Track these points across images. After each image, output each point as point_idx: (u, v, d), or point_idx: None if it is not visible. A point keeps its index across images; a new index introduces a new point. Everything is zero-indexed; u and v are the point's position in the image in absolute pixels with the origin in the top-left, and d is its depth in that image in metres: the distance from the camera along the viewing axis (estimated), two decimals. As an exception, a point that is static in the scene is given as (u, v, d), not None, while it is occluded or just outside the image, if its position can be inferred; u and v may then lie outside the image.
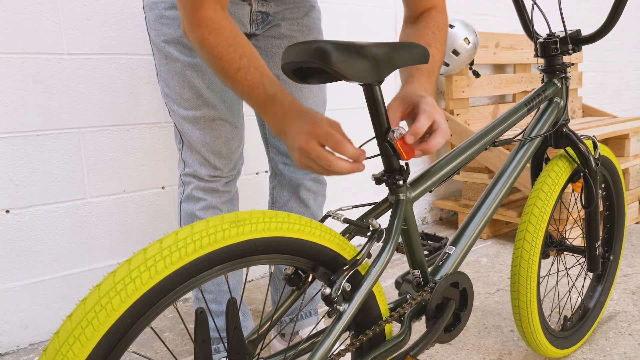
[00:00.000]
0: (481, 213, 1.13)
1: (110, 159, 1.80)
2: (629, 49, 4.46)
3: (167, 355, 1.58)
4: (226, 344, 0.79)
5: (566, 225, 2.03)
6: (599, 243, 1.38)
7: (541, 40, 1.27)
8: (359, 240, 2.51)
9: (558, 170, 1.29)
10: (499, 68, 3.16)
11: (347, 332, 0.94)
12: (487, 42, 2.87)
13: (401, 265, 2.25)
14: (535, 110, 1.25)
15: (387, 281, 2.06)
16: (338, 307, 0.82)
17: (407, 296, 1.02)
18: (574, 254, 1.47)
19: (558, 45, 1.25)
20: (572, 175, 1.34)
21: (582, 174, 1.32)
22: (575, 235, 2.24)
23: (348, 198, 2.50)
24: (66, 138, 1.71)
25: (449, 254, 1.08)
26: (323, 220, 0.92)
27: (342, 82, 2.32)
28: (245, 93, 0.89)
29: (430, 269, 1.06)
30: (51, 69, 1.66)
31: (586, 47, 3.87)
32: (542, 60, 1.30)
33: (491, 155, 2.41)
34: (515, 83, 3.07)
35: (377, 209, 0.97)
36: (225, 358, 1.32)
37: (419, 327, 1.60)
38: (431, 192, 2.84)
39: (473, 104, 3.00)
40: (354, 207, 0.99)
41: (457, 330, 1.04)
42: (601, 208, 1.69)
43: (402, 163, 0.93)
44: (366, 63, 0.80)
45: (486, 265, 2.19)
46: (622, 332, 1.56)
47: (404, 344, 0.95)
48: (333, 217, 0.92)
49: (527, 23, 1.33)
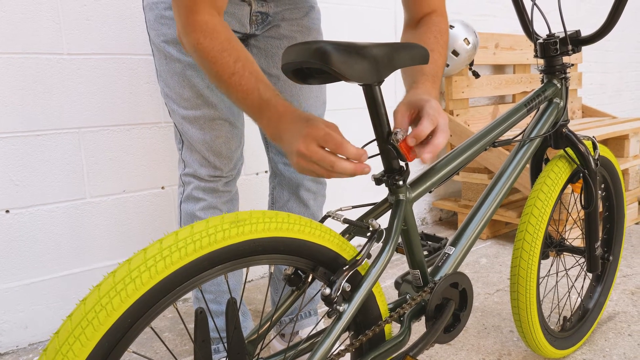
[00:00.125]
0: (481, 213, 1.13)
1: (110, 159, 1.80)
2: (629, 50, 4.47)
3: (167, 355, 1.58)
4: (226, 344, 0.79)
5: (566, 225, 2.03)
6: (599, 244, 1.38)
7: (541, 40, 1.27)
8: (359, 240, 2.51)
9: (558, 170, 1.29)
10: (499, 68, 3.16)
11: (347, 333, 0.94)
12: (487, 43, 2.87)
13: (401, 265, 2.25)
14: (535, 110, 1.25)
15: (387, 281, 2.06)
16: (338, 308, 0.82)
17: (407, 296, 1.02)
18: (574, 255, 1.47)
19: (558, 46, 1.25)
20: (572, 175, 1.34)
21: (582, 175, 1.32)
22: (574, 235, 2.24)
23: (348, 198, 2.50)
24: (66, 138, 1.71)
25: (449, 255, 1.08)
26: (323, 220, 0.92)
27: (342, 83, 2.32)
28: (239, 98, 0.88)
29: (429, 270, 1.07)
30: (51, 69, 1.66)
31: (586, 48, 3.87)
32: (542, 60, 1.30)
33: (491, 155, 2.42)
34: (514, 84, 3.07)
35: (377, 210, 0.97)
36: (225, 358, 1.32)
37: (419, 328, 1.60)
38: (431, 193, 2.85)
39: (473, 105, 3.00)
40: (354, 208, 0.99)
41: (457, 330, 1.04)
42: (601, 209, 1.69)
43: (402, 164, 0.93)
44: (366, 63, 0.80)
45: (486, 265, 2.19)
46: (622, 333, 1.56)
47: (404, 344, 0.95)
48: (333, 218, 0.92)
49: (527, 24, 1.33)
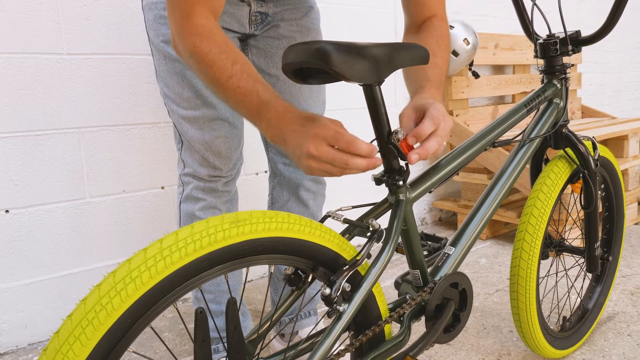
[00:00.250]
0: (480, 214, 1.13)
1: (109, 159, 1.80)
2: (628, 50, 4.47)
3: (167, 355, 1.58)
4: (226, 344, 0.79)
5: (565, 226, 2.03)
6: (598, 244, 1.39)
7: (541, 41, 1.27)
8: (359, 240, 2.51)
9: (557, 171, 1.29)
10: (499, 69, 3.16)
11: (347, 333, 0.94)
12: (487, 43, 2.88)
13: (401, 265, 2.25)
14: (534, 111, 1.25)
15: (387, 281, 2.06)
16: (338, 308, 0.82)
17: (407, 296, 1.03)
18: (573, 255, 1.48)
19: (558, 46, 1.25)
20: (572, 176, 1.34)
21: (582, 175, 1.32)
22: (574, 236, 2.24)
23: (348, 198, 2.50)
24: (66, 138, 1.71)
25: (449, 255, 1.08)
26: (323, 220, 0.92)
27: (342, 83, 2.33)
28: (237, 101, 0.87)
29: (429, 270, 1.07)
30: (51, 69, 1.66)
31: (585, 48, 3.88)
32: (542, 61, 1.30)
33: (490, 156, 2.42)
34: (514, 84, 3.07)
35: (377, 210, 0.97)
36: (224, 358, 1.32)
37: (419, 328, 1.60)
38: (431, 193, 2.84)
39: (472, 105, 3.00)
40: (354, 208, 0.99)
41: (457, 330, 1.04)
42: (600, 209, 1.69)
43: (402, 164, 0.93)
44: (366, 64, 0.80)
45: (485, 265, 2.19)
46: (621, 333, 1.56)
47: (404, 344, 0.95)
48: (333, 218, 0.92)
49: (527, 24, 1.33)
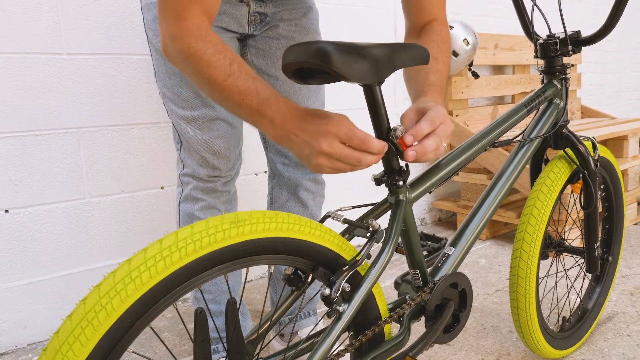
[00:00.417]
0: (480, 214, 1.13)
1: (109, 159, 1.80)
2: (628, 51, 4.47)
3: (167, 355, 1.58)
4: (225, 344, 0.79)
5: (565, 226, 2.03)
6: (598, 244, 1.39)
7: (541, 41, 1.27)
8: (359, 240, 2.51)
9: (557, 171, 1.29)
10: (498, 69, 3.16)
11: (347, 333, 0.94)
12: (487, 43, 2.88)
13: (400, 265, 2.25)
14: (534, 111, 1.25)
15: (387, 282, 2.06)
16: (337, 308, 0.82)
17: (407, 297, 1.02)
18: (573, 255, 1.48)
19: (558, 46, 1.25)
20: (572, 176, 1.34)
21: (582, 175, 1.32)
22: (574, 236, 2.25)
23: (348, 198, 2.50)
24: (65, 138, 1.71)
25: (448, 255, 1.08)
26: (323, 220, 0.92)
27: (342, 83, 2.32)
28: (236, 101, 0.84)
29: (429, 270, 1.07)
30: (51, 69, 1.66)
31: (585, 49, 3.88)
32: (542, 61, 1.30)
33: (490, 156, 2.42)
34: (514, 84, 3.07)
35: (377, 210, 0.97)
36: (224, 358, 1.32)
37: (418, 328, 1.60)
38: (430, 193, 2.84)
39: (472, 105, 3.00)
40: (354, 208, 0.99)
41: (456, 330, 1.04)
42: (600, 209, 1.69)
43: (402, 164, 0.93)
44: (366, 64, 0.80)
45: (485, 266, 2.19)
46: (621, 333, 1.56)
47: (403, 345, 0.95)
48: (333, 218, 0.92)
49: (527, 24, 1.33)
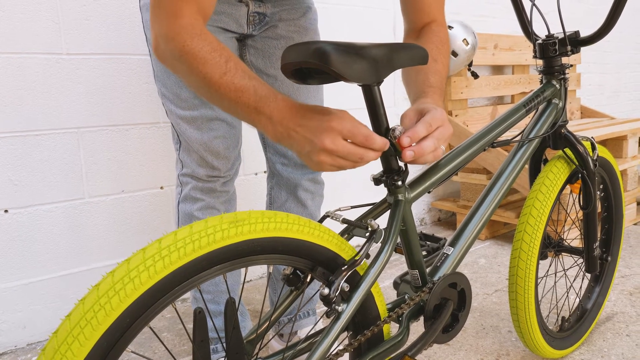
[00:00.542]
0: (479, 214, 1.13)
1: (108, 159, 1.80)
2: (627, 51, 4.47)
3: (166, 355, 1.58)
4: (224, 344, 0.79)
5: (564, 226, 2.03)
6: (597, 244, 1.39)
7: (540, 41, 1.27)
8: (358, 240, 2.51)
9: (556, 171, 1.29)
10: (498, 69, 3.16)
11: (346, 333, 0.94)
12: (486, 44, 2.88)
13: (400, 265, 2.25)
14: (533, 111, 1.25)
15: (386, 282, 2.06)
16: (336, 308, 0.82)
17: (406, 297, 1.02)
18: (572, 255, 1.48)
19: (557, 46, 1.25)
20: (571, 176, 1.34)
21: (581, 175, 1.32)
22: (573, 236, 2.25)
23: (347, 198, 2.50)
24: (65, 138, 1.71)
25: (448, 255, 1.08)
26: (322, 220, 0.92)
27: (341, 83, 2.33)
28: (232, 99, 0.82)
29: (428, 270, 1.07)
30: (50, 69, 1.66)
31: (584, 49, 3.88)
32: (541, 61, 1.30)
33: (490, 156, 2.42)
34: (513, 84, 3.07)
35: (376, 210, 0.97)
36: (223, 358, 1.32)
37: (417, 328, 1.60)
38: (430, 193, 2.85)
39: (472, 105, 3.00)
40: (353, 208, 0.99)
41: (455, 330, 1.04)
42: (599, 209, 1.69)
43: (401, 164, 0.93)
44: (365, 64, 0.80)
45: (484, 266, 2.19)
46: (620, 333, 1.56)
47: (402, 344, 0.95)
48: (332, 218, 0.92)
49: (526, 24, 1.33)
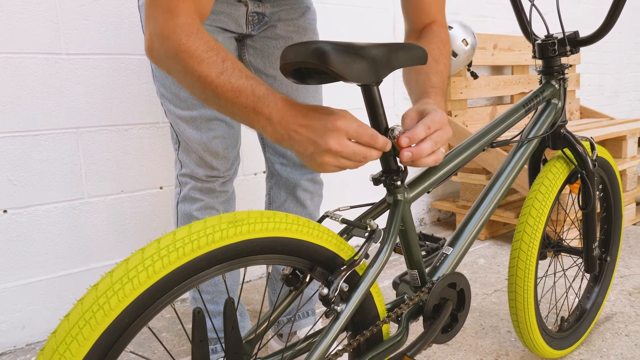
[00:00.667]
0: (479, 214, 1.13)
1: (108, 159, 1.79)
2: (627, 51, 4.48)
3: (165, 355, 1.58)
4: (224, 344, 0.79)
5: (563, 226, 2.04)
6: (596, 244, 1.39)
7: (539, 41, 1.27)
8: (357, 240, 2.51)
9: (555, 171, 1.29)
10: (497, 69, 3.16)
11: (345, 333, 0.94)
12: (485, 44, 2.88)
13: (399, 265, 2.25)
14: (533, 111, 1.25)
15: (385, 282, 2.06)
16: (335, 308, 0.82)
17: (405, 297, 1.02)
18: (571, 255, 1.48)
19: (556, 46, 1.25)
20: (570, 176, 1.34)
21: (580, 175, 1.32)
22: (572, 236, 2.25)
23: (346, 198, 2.50)
24: (64, 138, 1.70)
25: (447, 255, 1.08)
26: (321, 220, 0.92)
27: (341, 83, 2.33)
28: (230, 99, 0.80)
29: (427, 270, 1.07)
30: (49, 69, 1.65)
31: (584, 49, 3.88)
32: (540, 61, 1.30)
33: (489, 156, 2.42)
34: (513, 84, 3.07)
35: (375, 210, 0.97)
36: (222, 358, 1.32)
37: (417, 328, 1.60)
38: (429, 193, 2.85)
39: (471, 105, 3.00)
40: (352, 208, 0.99)
41: (455, 330, 1.04)
42: (598, 209, 1.69)
43: (400, 164, 0.93)
44: (364, 64, 0.80)
45: (484, 266, 2.19)
46: (619, 333, 1.56)
47: (402, 345, 0.95)
48: (331, 218, 0.92)
49: (525, 24, 1.33)
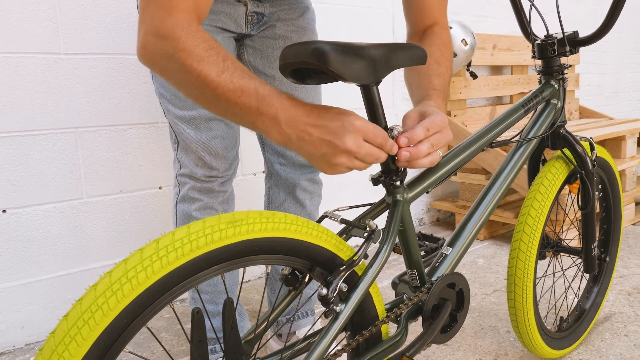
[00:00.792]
0: (478, 214, 1.13)
1: (107, 159, 1.79)
2: (626, 51, 4.48)
3: (164, 355, 1.58)
4: (223, 344, 0.79)
5: (563, 226, 2.03)
6: (596, 244, 1.39)
7: (539, 41, 1.27)
8: (356, 241, 2.51)
9: (555, 171, 1.29)
10: (497, 69, 3.16)
11: (344, 333, 0.94)
12: (485, 44, 2.88)
13: (398, 266, 2.25)
14: (532, 111, 1.25)
15: (384, 282, 2.06)
16: (335, 308, 0.82)
17: (404, 297, 1.02)
18: (571, 255, 1.48)
19: (555, 46, 1.25)
20: (569, 176, 1.34)
21: (579, 176, 1.32)
22: (571, 236, 2.25)
23: (345, 198, 2.50)
24: (63, 138, 1.70)
25: (446, 255, 1.08)
26: (320, 220, 0.92)
27: (340, 83, 2.32)
28: (231, 99, 0.77)
29: (427, 270, 1.07)
30: (48, 69, 1.65)
31: (583, 49, 3.88)
32: (540, 61, 1.30)
33: (488, 156, 2.42)
34: (512, 84, 3.07)
35: (374, 210, 0.97)
36: (221, 358, 1.32)
37: (416, 328, 1.60)
38: (428, 193, 2.85)
39: (470, 105, 3.00)
40: (351, 208, 0.99)
41: (454, 330, 1.04)
42: (598, 209, 1.69)
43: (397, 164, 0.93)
44: (364, 64, 0.80)
45: (483, 266, 2.19)
46: (618, 333, 1.57)
47: (401, 345, 0.95)
48: (330, 218, 0.92)
49: (525, 24, 1.33)
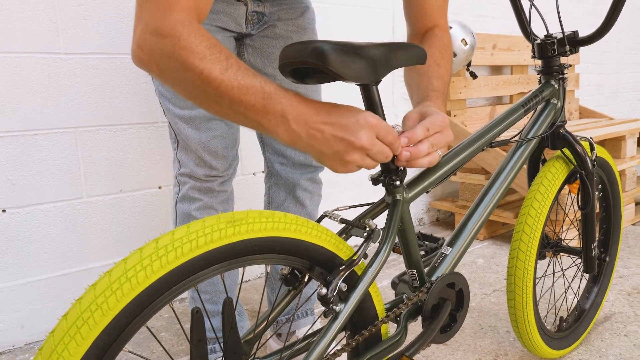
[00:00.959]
0: (478, 214, 1.13)
1: (107, 159, 1.79)
2: (626, 51, 4.48)
3: (163, 355, 1.58)
4: (222, 344, 0.79)
5: (562, 226, 2.03)
6: (595, 244, 1.39)
7: (539, 41, 1.27)
8: (356, 240, 2.51)
9: (555, 171, 1.29)
10: (496, 69, 3.16)
11: (343, 332, 0.94)
12: (485, 44, 2.88)
13: (398, 265, 2.25)
14: (532, 111, 1.25)
15: (384, 281, 2.06)
16: (334, 307, 0.82)
17: (404, 296, 1.02)
18: (570, 255, 1.48)
19: (555, 46, 1.25)
20: (569, 176, 1.34)
21: (579, 175, 1.32)
22: (571, 236, 2.25)
23: (345, 198, 2.50)
24: (63, 137, 1.70)
25: (446, 255, 1.08)
26: (320, 220, 0.92)
27: (340, 82, 2.32)
28: (235, 97, 0.75)
29: (426, 270, 1.06)
30: (48, 69, 1.65)
31: (583, 49, 3.88)
32: (540, 61, 1.30)
33: (488, 156, 2.42)
34: (512, 84, 3.07)
35: (374, 210, 0.97)
36: (221, 358, 1.32)
37: (415, 328, 1.60)
38: (428, 193, 2.84)
39: (470, 105, 3.00)
40: (351, 208, 0.99)
41: (453, 330, 1.04)
42: (597, 209, 1.69)
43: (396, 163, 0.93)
44: (363, 63, 0.80)
45: (482, 266, 2.19)
46: (618, 333, 1.57)
47: (400, 345, 0.95)
48: (330, 217, 0.92)
49: (525, 24, 1.33)
